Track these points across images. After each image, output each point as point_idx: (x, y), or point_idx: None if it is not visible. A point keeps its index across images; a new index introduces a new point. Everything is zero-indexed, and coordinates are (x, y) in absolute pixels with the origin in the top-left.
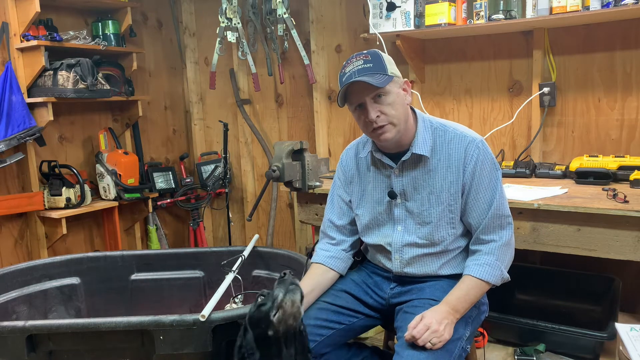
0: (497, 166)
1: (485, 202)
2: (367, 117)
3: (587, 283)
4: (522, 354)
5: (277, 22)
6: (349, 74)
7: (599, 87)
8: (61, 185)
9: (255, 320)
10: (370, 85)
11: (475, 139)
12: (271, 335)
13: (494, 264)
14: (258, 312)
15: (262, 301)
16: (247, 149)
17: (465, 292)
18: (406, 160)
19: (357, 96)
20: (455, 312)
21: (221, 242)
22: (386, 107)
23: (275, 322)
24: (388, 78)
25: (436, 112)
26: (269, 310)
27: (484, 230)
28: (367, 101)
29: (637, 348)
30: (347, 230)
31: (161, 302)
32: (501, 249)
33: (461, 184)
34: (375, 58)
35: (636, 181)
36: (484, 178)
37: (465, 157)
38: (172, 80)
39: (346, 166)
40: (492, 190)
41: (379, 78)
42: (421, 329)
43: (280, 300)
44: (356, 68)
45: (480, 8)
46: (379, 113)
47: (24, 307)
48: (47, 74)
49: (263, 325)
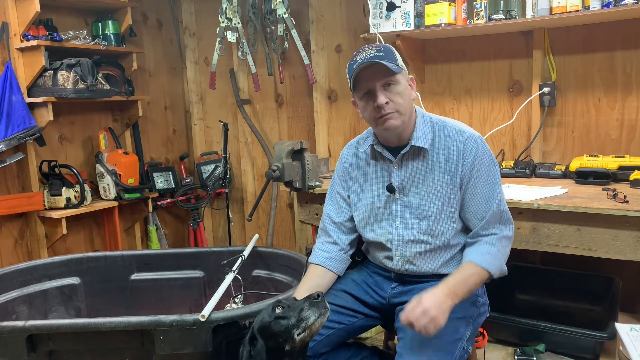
0: (494, 162)
1: (483, 197)
2: (375, 101)
3: (587, 283)
4: (522, 354)
5: (277, 22)
6: (361, 60)
7: (599, 87)
8: (61, 185)
9: (270, 332)
10: (382, 70)
11: (474, 135)
12: (287, 350)
13: (495, 254)
14: (276, 325)
15: (283, 314)
16: (247, 149)
17: (464, 278)
18: (406, 153)
19: (368, 82)
20: (454, 296)
21: (221, 242)
22: (395, 96)
23: (297, 340)
24: (399, 67)
25: (436, 112)
26: (292, 328)
27: (484, 227)
28: (377, 87)
29: (637, 348)
30: (346, 228)
31: (161, 302)
32: (502, 240)
33: (459, 178)
34: (387, 50)
35: (636, 181)
36: (482, 173)
37: (463, 151)
38: (172, 80)
39: (345, 162)
40: (492, 187)
41: (391, 64)
42: (419, 315)
43: (311, 324)
44: (369, 55)
45: (480, 8)
46: (387, 100)
47: (24, 307)
48: (47, 74)
49: (280, 339)
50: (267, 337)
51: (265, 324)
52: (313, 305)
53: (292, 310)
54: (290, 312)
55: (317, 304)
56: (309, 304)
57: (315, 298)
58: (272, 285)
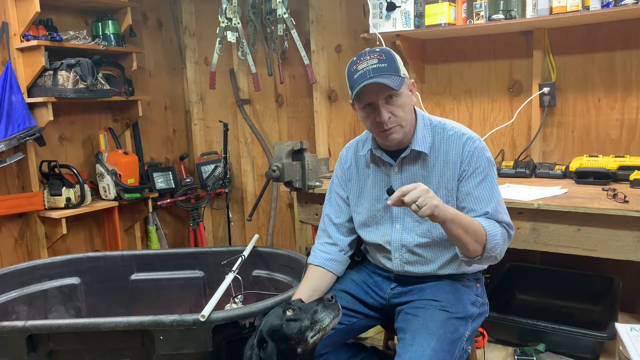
0: (492, 164)
1: (479, 197)
2: (378, 117)
3: (587, 283)
4: (522, 354)
5: (277, 22)
6: (363, 71)
7: (599, 87)
8: (61, 185)
9: (282, 334)
10: (384, 87)
11: (473, 137)
12: (299, 353)
13: (501, 233)
14: (288, 328)
15: (295, 316)
16: (247, 149)
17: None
18: (405, 157)
19: (370, 96)
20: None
21: (221, 242)
22: (397, 109)
23: (311, 342)
24: (401, 80)
25: (436, 112)
26: (306, 330)
27: None
28: (380, 102)
29: (637, 348)
30: (345, 229)
31: (161, 302)
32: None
33: (457, 179)
34: (389, 58)
35: (636, 181)
36: (479, 174)
37: (462, 152)
38: (172, 80)
39: (345, 164)
40: (489, 189)
41: (394, 80)
42: (411, 187)
43: (326, 326)
44: (371, 67)
45: (480, 8)
46: (390, 115)
47: (24, 307)
48: (47, 74)
49: (292, 342)
50: (279, 340)
51: (277, 326)
52: (328, 307)
53: (304, 313)
54: (302, 315)
55: (331, 306)
56: (322, 306)
57: (330, 300)
58: (272, 285)
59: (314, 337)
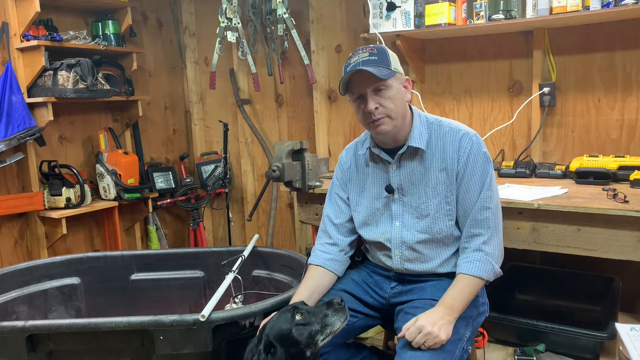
0: (489, 159)
1: (476, 193)
2: (366, 107)
3: (587, 283)
4: (522, 354)
5: (277, 22)
6: (354, 64)
7: (599, 87)
8: (61, 185)
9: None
10: (372, 77)
11: (469, 132)
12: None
13: (483, 259)
14: (298, 332)
15: (304, 320)
16: (247, 149)
17: (459, 291)
18: (403, 154)
19: (359, 87)
20: (452, 312)
21: (221, 242)
22: (385, 101)
23: (320, 345)
24: (391, 72)
25: (436, 112)
26: (316, 334)
27: (471, 224)
28: (368, 92)
29: (637, 348)
30: (345, 229)
31: (161, 302)
32: (488, 244)
33: (455, 175)
34: (381, 52)
35: (636, 181)
36: (477, 170)
37: (459, 148)
38: (172, 80)
39: (344, 164)
40: (482, 182)
41: (382, 70)
42: (413, 331)
43: (336, 329)
44: (361, 59)
45: (480, 8)
46: (377, 105)
47: (24, 307)
48: (47, 74)
49: (302, 346)
50: (288, 344)
51: (286, 331)
52: (338, 311)
53: (313, 317)
54: (312, 318)
55: (341, 310)
56: (333, 310)
57: (339, 303)
58: (272, 285)
59: (324, 341)
